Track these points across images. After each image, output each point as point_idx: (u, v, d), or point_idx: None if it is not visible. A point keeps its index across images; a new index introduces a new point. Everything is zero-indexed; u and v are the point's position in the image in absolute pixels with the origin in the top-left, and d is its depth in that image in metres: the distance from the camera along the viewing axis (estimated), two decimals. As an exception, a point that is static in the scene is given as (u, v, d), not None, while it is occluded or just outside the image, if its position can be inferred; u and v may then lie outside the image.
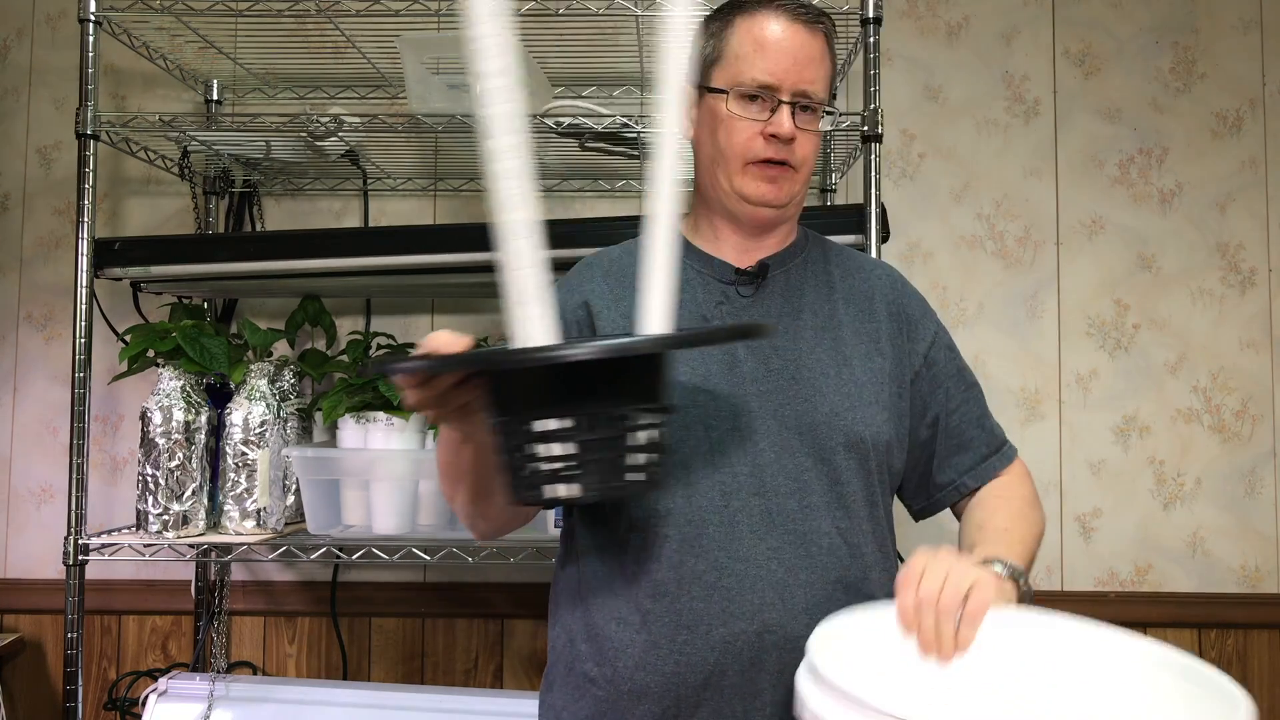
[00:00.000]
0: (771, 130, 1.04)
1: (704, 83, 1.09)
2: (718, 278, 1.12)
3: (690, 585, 1.03)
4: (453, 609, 2.02)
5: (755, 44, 1.05)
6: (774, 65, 1.04)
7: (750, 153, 1.06)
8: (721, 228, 1.13)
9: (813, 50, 1.06)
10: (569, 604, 1.12)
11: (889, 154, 2.06)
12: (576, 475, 0.75)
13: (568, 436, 0.74)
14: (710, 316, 1.09)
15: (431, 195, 2.07)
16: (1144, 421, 2.03)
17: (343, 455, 1.65)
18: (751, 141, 1.05)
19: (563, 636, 1.12)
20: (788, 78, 1.04)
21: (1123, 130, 2.08)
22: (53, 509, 2.03)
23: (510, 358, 0.77)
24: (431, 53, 1.68)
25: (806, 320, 1.10)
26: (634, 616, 1.04)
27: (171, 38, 1.82)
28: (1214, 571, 2.01)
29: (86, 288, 1.62)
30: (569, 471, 0.75)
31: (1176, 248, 2.06)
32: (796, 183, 1.09)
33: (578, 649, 1.09)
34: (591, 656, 1.07)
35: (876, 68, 1.57)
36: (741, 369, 1.07)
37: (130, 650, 2.03)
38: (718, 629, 1.02)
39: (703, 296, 1.11)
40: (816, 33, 1.07)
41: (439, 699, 1.75)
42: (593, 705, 1.06)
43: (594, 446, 0.74)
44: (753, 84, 1.04)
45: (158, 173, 1.98)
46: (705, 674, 1.02)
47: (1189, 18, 2.08)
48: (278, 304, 2.04)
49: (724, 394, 1.05)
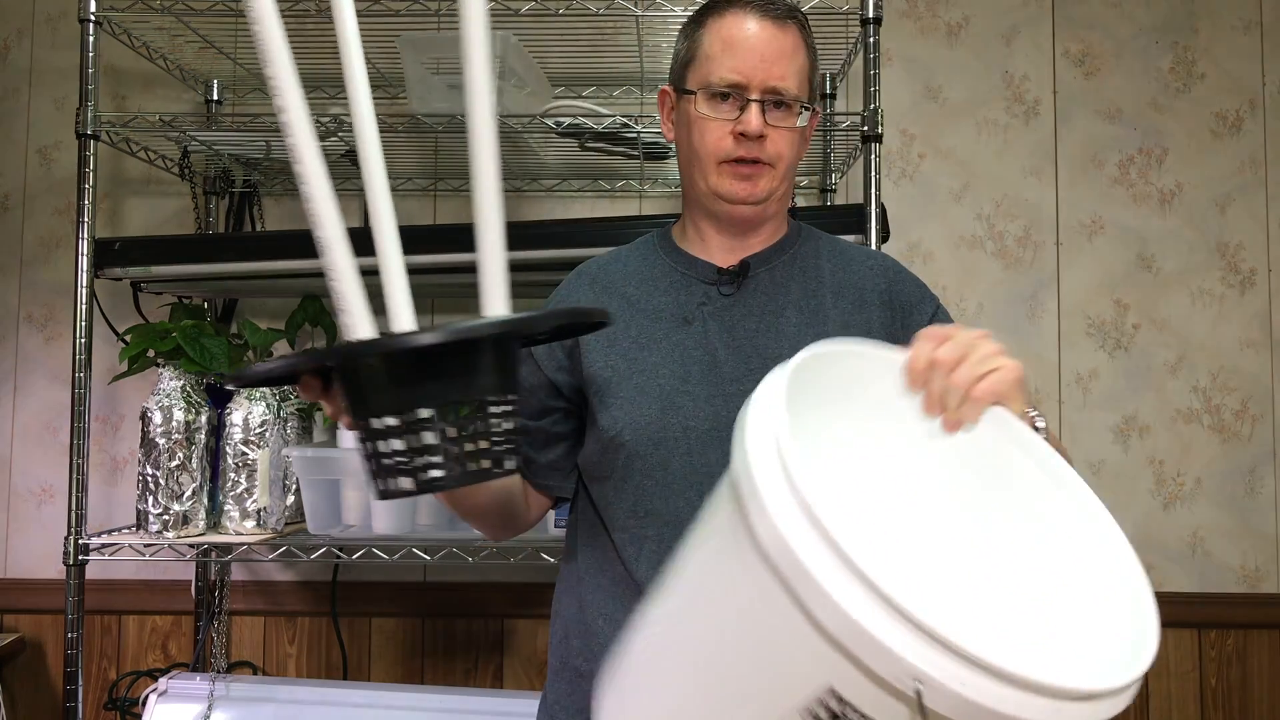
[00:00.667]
0: (740, 129, 1.04)
1: (678, 85, 1.10)
2: (700, 278, 1.12)
3: None
4: (453, 609, 2.02)
5: (724, 43, 1.06)
6: (741, 63, 1.04)
7: (722, 152, 1.06)
8: (706, 229, 1.14)
9: (782, 45, 1.06)
10: (566, 599, 1.13)
11: (889, 154, 2.06)
12: (414, 468, 0.75)
13: (410, 430, 0.75)
14: (692, 317, 1.10)
15: (431, 195, 2.07)
16: (1144, 421, 2.03)
17: (343, 455, 1.65)
18: (722, 141, 1.06)
19: (559, 631, 1.14)
20: (755, 75, 1.04)
21: (1123, 130, 2.08)
22: (53, 509, 2.03)
23: (349, 348, 0.77)
24: (431, 53, 1.68)
25: (790, 317, 1.10)
26: (620, 614, 1.05)
27: (171, 38, 1.82)
28: (1214, 571, 2.01)
29: (86, 288, 1.62)
30: (407, 465, 0.75)
31: (1176, 248, 2.06)
32: (774, 179, 1.09)
33: (571, 644, 1.10)
34: (583, 652, 1.08)
35: (876, 68, 1.57)
36: (722, 369, 1.07)
37: (130, 650, 2.03)
38: None
39: (685, 298, 1.11)
40: (787, 28, 1.06)
41: (439, 699, 1.75)
42: (585, 699, 1.07)
43: (435, 437, 0.75)
44: (721, 83, 1.05)
45: (158, 173, 1.98)
46: None
47: (1189, 18, 2.08)
48: (278, 304, 2.04)
49: (704, 395, 1.05)
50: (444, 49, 1.68)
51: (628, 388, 1.06)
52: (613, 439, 1.06)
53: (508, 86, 1.65)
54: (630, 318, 1.10)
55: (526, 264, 1.69)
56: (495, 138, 0.82)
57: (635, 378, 1.07)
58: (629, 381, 1.07)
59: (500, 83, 1.63)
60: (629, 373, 1.07)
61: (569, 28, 1.77)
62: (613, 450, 1.06)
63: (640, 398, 1.06)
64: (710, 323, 1.09)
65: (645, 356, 1.08)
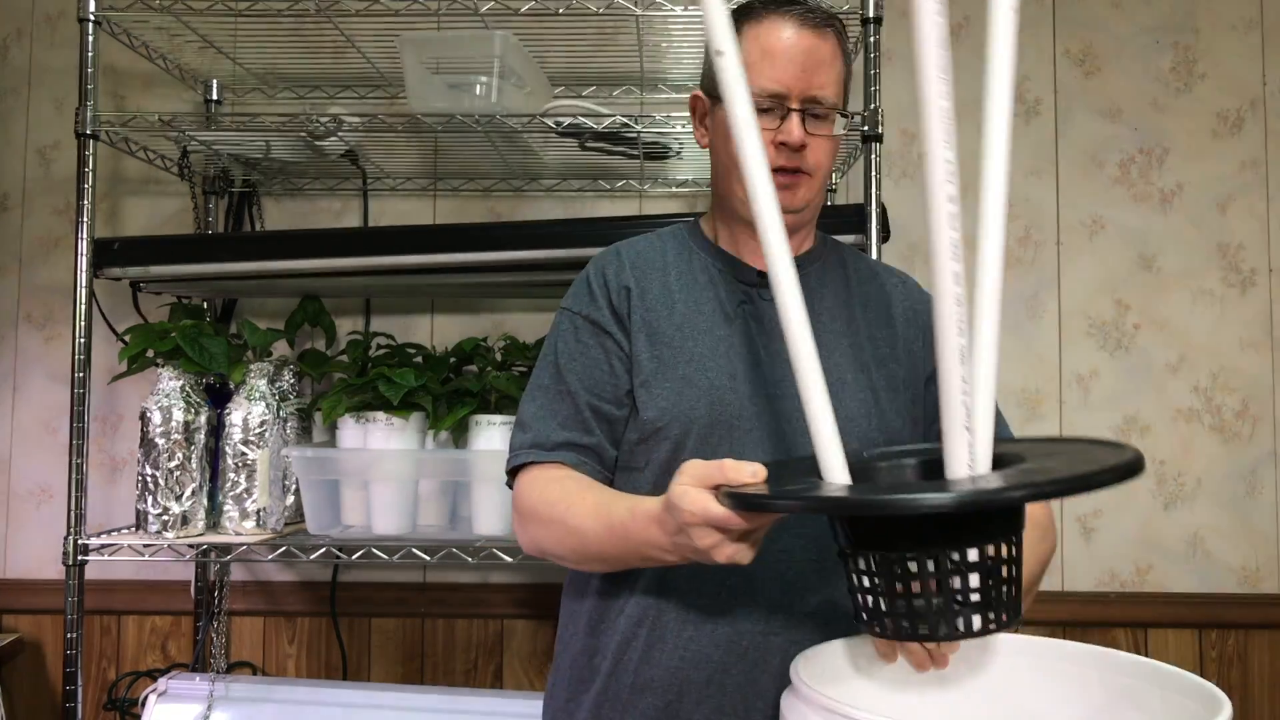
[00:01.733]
0: (781, 139, 1.04)
1: (714, 91, 1.08)
2: (739, 278, 1.12)
3: (699, 583, 1.04)
4: (453, 609, 2.02)
5: (763, 52, 1.04)
6: (782, 74, 1.03)
7: None
8: (740, 234, 1.13)
9: (822, 54, 1.05)
10: (577, 596, 1.13)
11: (889, 154, 2.06)
12: (991, 602, 0.75)
13: (987, 565, 0.74)
14: (732, 315, 1.09)
15: (431, 195, 2.07)
16: (1144, 421, 2.03)
17: (342, 455, 1.65)
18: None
19: (569, 628, 1.13)
20: (796, 85, 1.04)
21: (1123, 130, 2.08)
22: (52, 509, 2.03)
23: (898, 504, 0.71)
24: (431, 53, 1.68)
25: (826, 324, 1.10)
26: (638, 611, 1.05)
27: (171, 38, 1.82)
28: (1214, 571, 2.01)
29: (86, 288, 1.62)
30: (985, 600, 0.75)
31: (1176, 248, 2.06)
32: (812, 188, 1.08)
33: (582, 641, 1.10)
34: (596, 649, 1.08)
35: (877, 68, 1.57)
36: (762, 371, 1.07)
37: (130, 650, 2.03)
38: (723, 627, 1.03)
39: (725, 294, 1.10)
40: (826, 36, 1.06)
41: (439, 699, 1.75)
42: (596, 696, 1.07)
43: (1004, 572, 0.75)
44: (761, 93, 1.03)
45: (157, 173, 1.98)
46: (709, 671, 1.03)
47: (1189, 18, 2.08)
48: (278, 304, 2.04)
49: (748, 393, 1.05)
50: (444, 49, 1.68)
51: (674, 377, 1.05)
52: (658, 430, 1.04)
53: (508, 86, 1.65)
54: (673, 306, 1.09)
55: (526, 264, 1.69)
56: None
57: (681, 367, 1.06)
58: (674, 370, 1.05)
59: (500, 82, 1.63)
60: (675, 361, 1.06)
61: (569, 28, 1.77)
62: (654, 440, 1.05)
63: (688, 389, 1.05)
64: (751, 323, 1.09)
65: (691, 347, 1.07)
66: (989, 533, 0.74)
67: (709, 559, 0.83)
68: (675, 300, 1.09)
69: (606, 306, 1.09)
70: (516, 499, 1.07)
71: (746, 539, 0.82)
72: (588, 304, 1.10)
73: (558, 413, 1.07)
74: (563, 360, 1.09)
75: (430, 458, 1.66)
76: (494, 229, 1.83)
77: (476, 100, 1.64)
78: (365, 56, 1.88)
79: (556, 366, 1.09)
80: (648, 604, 1.05)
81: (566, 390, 1.07)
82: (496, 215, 2.07)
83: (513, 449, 1.08)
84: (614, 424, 1.08)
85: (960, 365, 0.79)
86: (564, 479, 1.03)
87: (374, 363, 1.77)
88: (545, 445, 1.06)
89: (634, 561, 0.96)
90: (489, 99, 1.64)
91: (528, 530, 1.05)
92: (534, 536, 1.04)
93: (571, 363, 1.08)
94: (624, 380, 1.07)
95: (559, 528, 0.99)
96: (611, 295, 1.09)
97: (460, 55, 1.66)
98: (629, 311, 1.09)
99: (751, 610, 1.03)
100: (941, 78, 0.78)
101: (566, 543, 1.00)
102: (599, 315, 1.09)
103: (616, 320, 1.09)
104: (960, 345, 0.79)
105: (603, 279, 1.11)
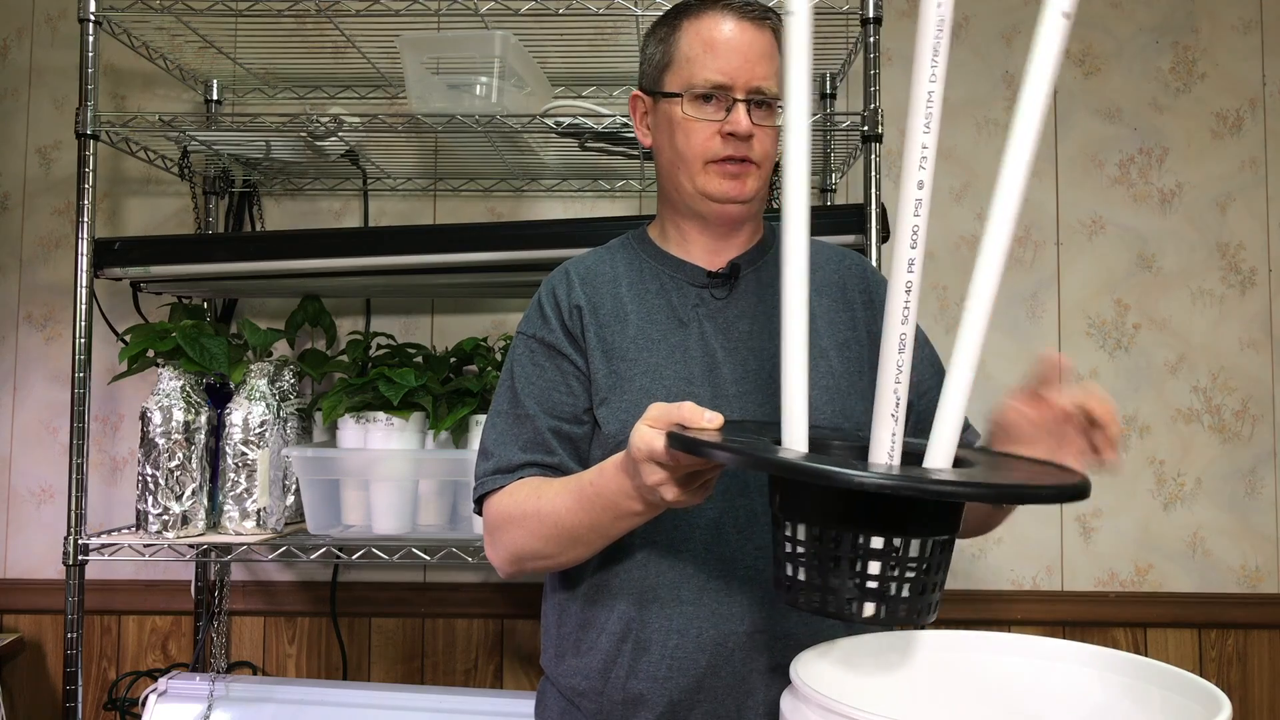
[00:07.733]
0: (729, 129, 1.05)
1: (656, 89, 1.09)
2: (690, 281, 1.12)
3: (679, 589, 1.04)
4: (453, 609, 2.02)
5: (704, 45, 1.05)
6: (725, 64, 1.04)
7: (709, 152, 1.06)
8: (689, 230, 1.13)
9: (762, 46, 1.06)
10: (556, 621, 1.12)
11: (889, 154, 2.06)
12: (890, 595, 0.75)
13: (892, 557, 0.75)
14: (686, 320, 1.09)
15: (431, 195, 2.07)
16: (1144, 421, 2.03)
17: (342, 455, 1.65)
18: (709, 141, 1.06)
19: (550, 651, 1.13)
20: (740, 75, 1.04)
21: (1123, 130, 2.08)
22: (53, 509, 2.03)
23: (853, 478, 0.69)
24: (431, 53, 1.68)
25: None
26: (620, 627, 1.05)
27: (171, 38, 1.82)
28: (1214, 571, 2.01)
29: (86, 288, 1.62)
30: (883, 590, 0.75)
31: (1176, 248, 2.06)
32: (759, 178, 1.09)
33: (566, 663, 1.09)
34: (580, 670, 1.07)
35: (876, 68, 1.57)
36: (721, 371, 1.07)
37: (130, 650, 2.03)
38: (708, 631, 1.03)
39: (677, 300, 1.11)
40: (764, 29, 1.07)
41: (439, 699, 1.75)
42: (586, 718, 1.07)
43: (913, 569, 0.75)
44: (706, 84, 1.04)
45: (157, 173, 1.98)
46: (698, 676, 1.03)
47: (1189, 18, 2.08)
48: (278, 304, 2.04)
49: (708, 397, 1.05)
50: (444, 49, 1.68)
51: (632, 390, 1.06)
52: (621, 444, 1.05)
53: (508, 86, 1.65)
54: (625, 319, 1.09)
55: (527, 264, 1.69)
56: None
57: (639, 379, 1.06)
58: (632, 384, 1.06)
59: (500, 83, 1.63)
60: (631, 374, 1.06)
61: (569, 28, 1.77)
62: (617, 453, 1.06)
63: (646, 400, 1.05)
64: (706, 325, 1.09)
65: (646, 358, 1.07)
66: (903, 526, 0.74)
67: (660, 500, 0.85)
68: (628, 312, 1.09)
69: (560, 328, 1.10)
70: (486, 519, 1.06)
71: (693, 482, 0.84)
72: (540, 326, 1.11)
73: (519, 437, 1.07)
74: (520, 384, 1.09)
75: (430, 458, 1.66)
76: (494, 229, 1.83)
77: (476, 100, 1.64)
78: (365, 56, 1.89)
79: (514, 391, 1.09)
80: (630, 617, 1.04)
81: (525, 414, 1.08)
82: (496, 215, 2.07)
83: (477, 477, 1.09)
84: (576, 443, 1.08)
85: (898, 353, 0.79)
86: (530, 482, 1.04)
87: (374, 363, 1.77)
88: (508, 469, 1.06)
89: (610, 526, 0.95)
90: (489, 99, 1.64)
91: (502, 539, 1.04)
92: (509, 542, 1.03)
93: (529, 386, 1.09)
94: (582, 399, 1.08)
95: (533, 519, 0.99)
96: (564, 315, 1.10)
97: (460, 55, 1.66)
98: (582, 331, 1.09)
99: (734, 611, 1.03)
100: (933, 63, 0.78)
101: (542, 532, 0.99)
102: (552, 337, 1.10)
103: (570, 340, 1.09)
104: (901, 333, 0.79)
105: (554, 300, 1.12)
